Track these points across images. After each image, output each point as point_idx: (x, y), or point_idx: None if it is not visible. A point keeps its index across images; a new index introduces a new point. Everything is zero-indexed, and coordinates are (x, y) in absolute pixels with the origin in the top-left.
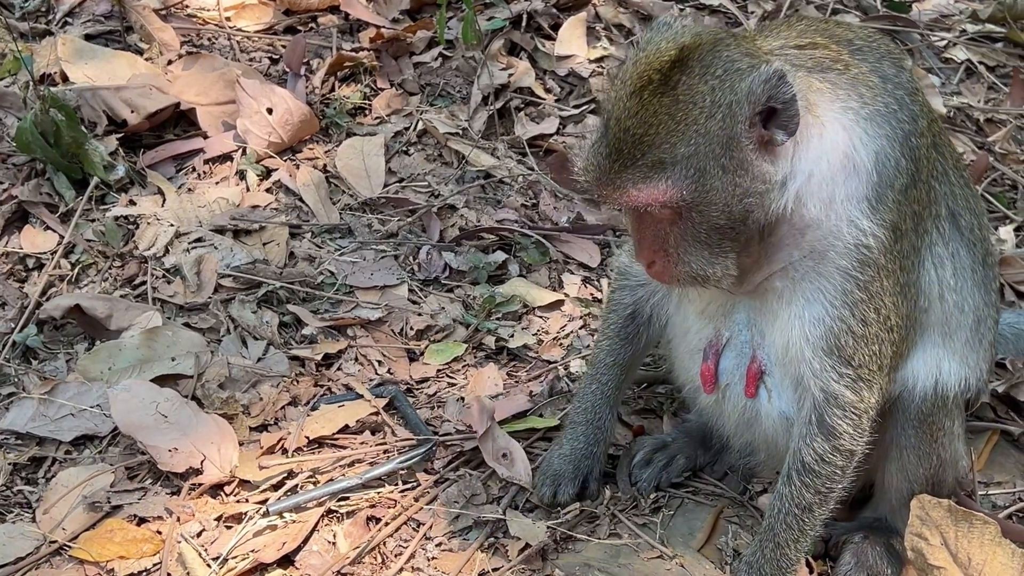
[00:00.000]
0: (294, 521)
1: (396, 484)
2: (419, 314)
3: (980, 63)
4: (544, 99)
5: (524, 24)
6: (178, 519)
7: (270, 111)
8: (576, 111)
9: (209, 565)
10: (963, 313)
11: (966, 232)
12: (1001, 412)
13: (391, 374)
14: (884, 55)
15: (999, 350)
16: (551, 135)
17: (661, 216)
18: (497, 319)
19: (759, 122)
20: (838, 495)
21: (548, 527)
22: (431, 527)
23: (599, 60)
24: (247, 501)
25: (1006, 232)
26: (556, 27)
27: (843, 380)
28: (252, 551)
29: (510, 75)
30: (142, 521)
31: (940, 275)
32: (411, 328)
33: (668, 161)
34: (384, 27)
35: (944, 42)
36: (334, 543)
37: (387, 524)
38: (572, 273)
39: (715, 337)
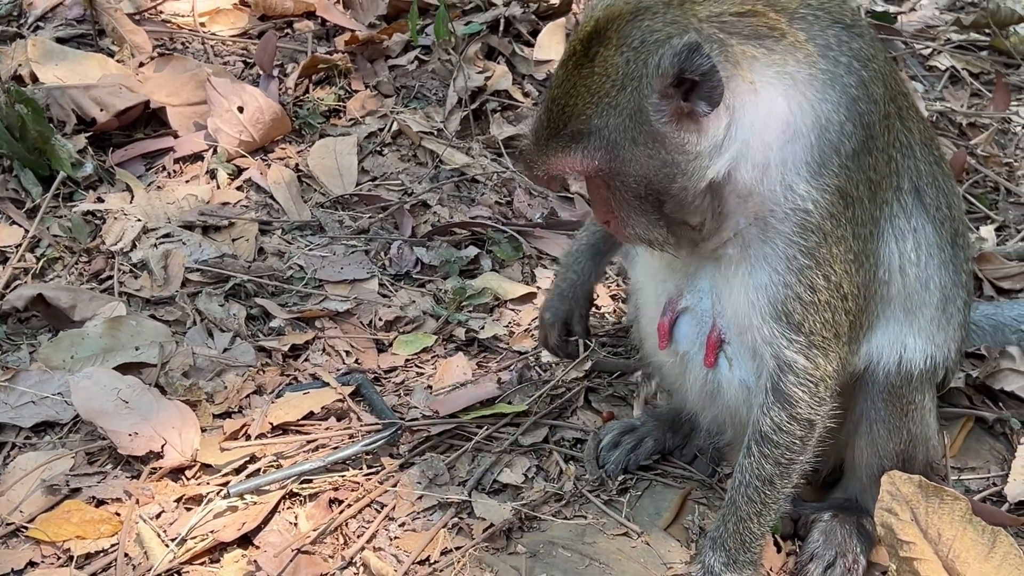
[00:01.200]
0: (255, 503)
1: (360, 468)
2: (388, 306)
3: (964, 69)
4: (522, 102)
5: (502, 29)
6: (137, 501)
7: (241, 110)
8: None
9: (167, 545)
10: (927, 290)
11: (931, 209)
12: (977, 401)
13: (359, 364)
14: (831, 23)
15: (976, 340)
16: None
17: (599, 183)
18: (468, 311)
19: (677, 95)
20: (800, 468)
21: (513, 508)
22: (394, 508)
23: None
24: (208, 484)
25: (987, 231)
26: (535, 33)
27: (793, 346)
28: (211, 532)
29: (487, 78)
30: (100, 503)
31: (901, 248)
32: (380, 319)
33: (584, 132)
34: (360, 31)
35: (929, 50)
36: (295, 524)
37: (350, 506)
38: (545, 268)
39: (676, 294)
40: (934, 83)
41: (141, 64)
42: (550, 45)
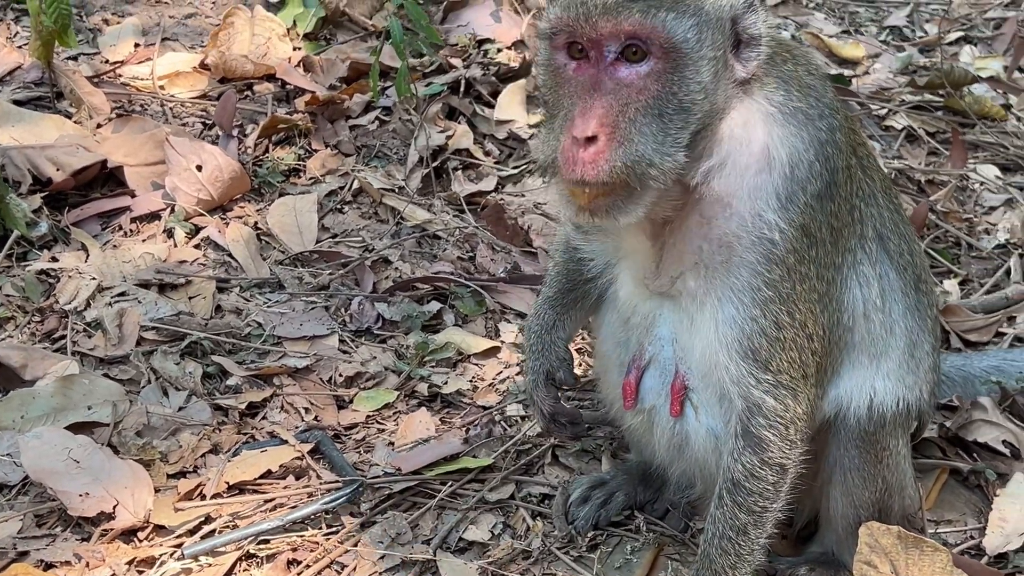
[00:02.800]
0: (210, 565)
1: (320, 527)
2: (349, 362)
3: (921, 129)
4: (483, 161)
5: (463, 90)
6: (87, 564)
7: (199, 168)
8: (515, 171)
9: None
10: (892, 335)
11: (895, 256)
12: (950, 453)
13: (318, 421)
14: (807, 72)
15: (947, 391)
16: (489, 192)
17: (633, 76)
18: (431, 366)
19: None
20: (773, 516)
21: (480, 566)
22: (355, 569)
23: (539, 125)
24: (161, 546)
25: (951, 285)
26: (495, 94)
27: (762, 386)
28: None
29: (448, 137)
30: (49, 567)
31: (865, 294)
32: (340, 376)
33: (682, 4)
34: (320, 92)
35: (885, 111)
36: None
37: (308, 567)
38: (509, 322)
39: (638, 351)
40: (891, 142)
41: (99, 125)
42: (510, 106)
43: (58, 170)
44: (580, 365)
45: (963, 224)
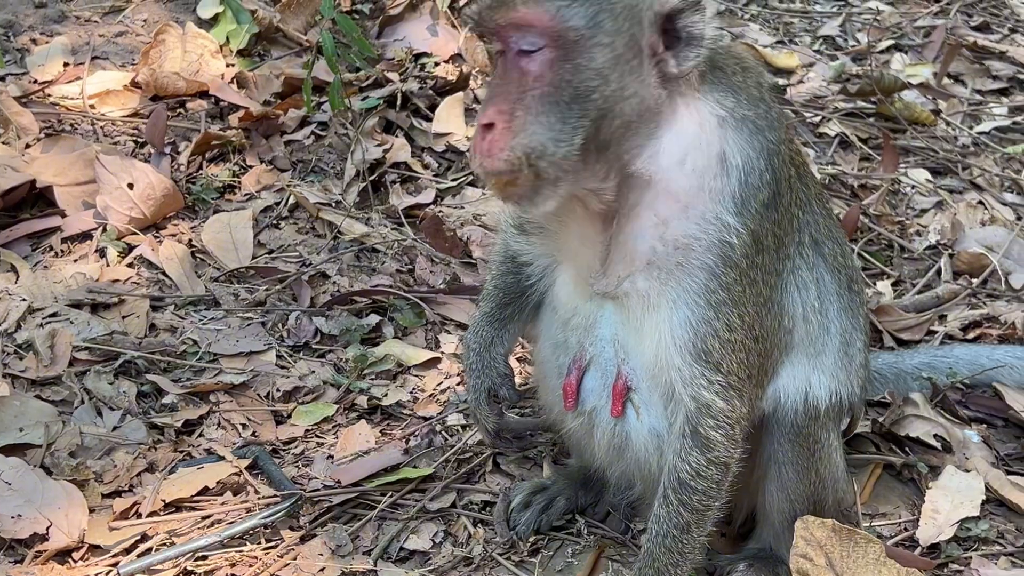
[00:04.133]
0: None
1: (259, 542)
2: (287, 377)
3: (854, 135)
4: (422, 174)
5: (400, 104)
6: None
7: (131, 186)
8: (454, 183)
9: None
10: (829, 334)
11: (830, 259)
12: (884, 448)
13: (256, 437)
14: (756, 84)
15: (879, 387)
16: (427, 204)
17: (531, 64)
18: (370, 379)
19: (660, 30)
20: (714, 513)
21: (421, 574)
22: None
23: None
24: (96, 565)
25: (884, 286)
26: (433, 107)
27: (713, 387)
28: None
29: (385, 151)
30: None
31: (804, 297)
32: (278, 391)
33: None
34: (254, 108)
35: (819, 118)
36: None
37: None
38: (449, 333)
39: (579, 352)
40: (825, 148)
41: (28, 145)
42: (448, 119)
43: None
44: (520, 374)
45: (895, 227)
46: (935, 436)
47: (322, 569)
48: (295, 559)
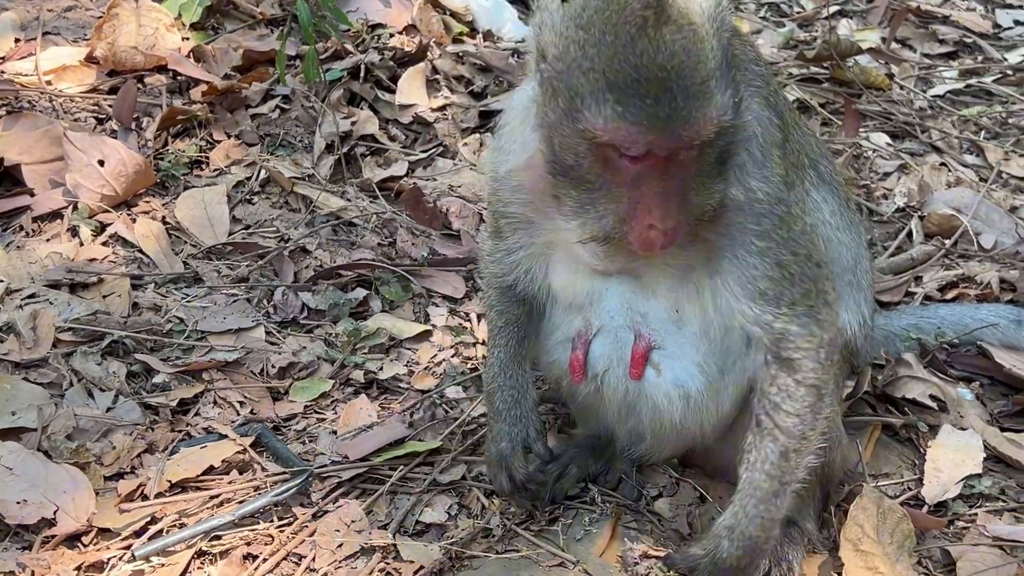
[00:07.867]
0: (163, 565)
1: (272, 520)
2: (279, 353)
3: (813, 100)
4: (390, 146)
5: (363, 76)
6: (32, 573)
7: (102, 163)
8: (424, 155)
9: None
10: (841, 255)
11: (827, 178)
12: (881, 409)
13: (254, 414)
14: (743, 45)
15: (871, 350)
16: (401, 177)
17: (690, 153)
18: (364, 353)
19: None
20: (812, 445)
21: (442, 547)
22: (314, 559)
23: (442, 108)
24: (109, 549)
25: None
26: (394, 79)
27: (783, 317)
28: None
29: (353, 123)
30: None
31: (821, 219)
32: (273, 367)
33: (709, 74)
34: (216, 82)
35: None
36: None
37: (265, 560)
38: (437, 306)
39: (584, 328)
40: None
41: None
42: (411, 90)
43: None
44: None
45: (861, 191)
46: (930, 396)
47: (340, 545)
48: (311, 536)
